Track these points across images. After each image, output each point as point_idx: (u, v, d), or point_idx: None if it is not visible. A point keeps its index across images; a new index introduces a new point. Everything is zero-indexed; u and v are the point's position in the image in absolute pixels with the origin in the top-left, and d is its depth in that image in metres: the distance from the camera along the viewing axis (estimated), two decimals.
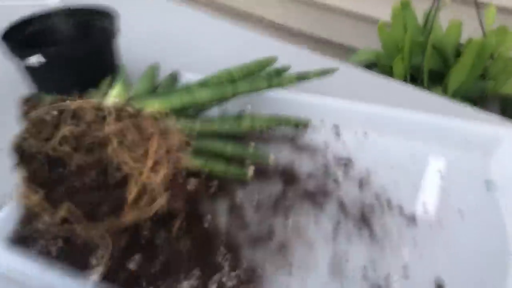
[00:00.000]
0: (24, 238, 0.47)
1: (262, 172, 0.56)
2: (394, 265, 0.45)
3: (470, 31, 1.22)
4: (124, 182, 0.43)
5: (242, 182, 0.55)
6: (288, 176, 0.55)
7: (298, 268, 0.46)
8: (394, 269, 0.45)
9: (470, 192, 0.52)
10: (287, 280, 0.45)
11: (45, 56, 0.64)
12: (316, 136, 0.62)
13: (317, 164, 0.58)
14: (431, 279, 0.44)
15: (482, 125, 0.56)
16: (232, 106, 0.68)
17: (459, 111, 0.67)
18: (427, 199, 0.52)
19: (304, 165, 0.58)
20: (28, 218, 0.49)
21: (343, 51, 1.65)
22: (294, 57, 0.79)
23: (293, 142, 0.61)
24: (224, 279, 0.44)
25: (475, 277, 0.44)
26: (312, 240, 0.49)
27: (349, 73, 0.81)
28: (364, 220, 0.50)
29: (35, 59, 0.65)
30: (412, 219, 0.50)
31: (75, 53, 0.66)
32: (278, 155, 0.59)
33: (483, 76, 1.25)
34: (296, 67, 0.69)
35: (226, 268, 0.45)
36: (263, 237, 0.49)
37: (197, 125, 0.54)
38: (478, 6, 1.26)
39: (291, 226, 0.50)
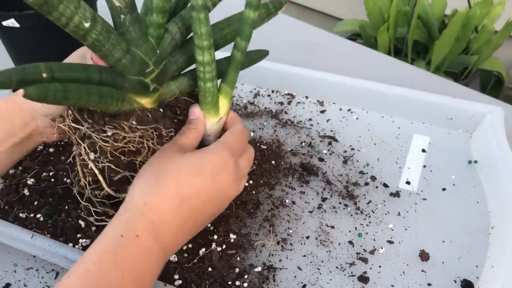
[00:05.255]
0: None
1: None
2: (379, 237, 0.46)
3: (456, 2, 1.21)
4: None
5: None
6: (273, 152, 0.55)
7: (286, 237, 0.47)
8: (380, 241, 0.46)
9: (453, 169, 0.53)
10: (275, 247, 0.46)
11: (18, 21, 0.61)
12: (301, 113, 0.62)
13: (302, 141, 0.57)
14: (415, 250, 0.45)
15: (465, 102, 0.56)
16: None
17: (442, 86, 0.68)
18: (410, 175, 0.53)
19: (288, 141, 0.57)
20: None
21: (329, 21, 1.63)
22: (279, 25, 0.77)
23: (277, 118, 0.61)
24: (213, 244, 0.45)
25: (458, 249, 0.45)
26: (298, 213, 0.49)
27: (334, 44, 0.80)
28: (349, 195, 0.50)
29: (10, 23, 0.62)
30: (396, 195, 0.50)
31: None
32: (262, 131, 0.59)
33: (466, 50, 1.25)
34: (281, 36, 0.67)
35: (215, 235, 0.45)
36: (250, 208, 0.49)
37: None
38: None
39: (277, 200, 0.50)
